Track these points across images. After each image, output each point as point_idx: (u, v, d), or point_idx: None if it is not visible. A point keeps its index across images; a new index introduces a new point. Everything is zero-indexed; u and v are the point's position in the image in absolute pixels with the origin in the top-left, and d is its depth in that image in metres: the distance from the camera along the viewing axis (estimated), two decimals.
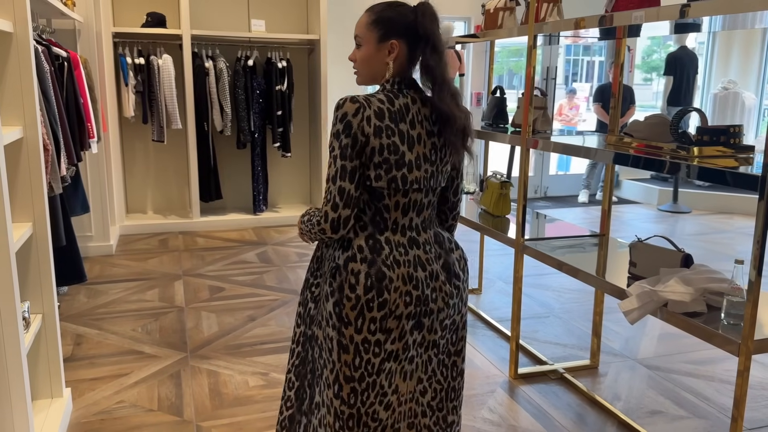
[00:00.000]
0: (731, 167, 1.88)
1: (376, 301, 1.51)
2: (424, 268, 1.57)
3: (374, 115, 1.50)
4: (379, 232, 1.55)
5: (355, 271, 1.52)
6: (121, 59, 5.26)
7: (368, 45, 1.57)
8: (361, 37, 1.58)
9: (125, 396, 2.74)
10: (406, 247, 1.56)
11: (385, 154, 1.50)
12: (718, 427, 2.56)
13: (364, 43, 1.58)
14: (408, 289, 1.53)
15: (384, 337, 1.54)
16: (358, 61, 1.60)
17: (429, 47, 1.54)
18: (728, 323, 1.88)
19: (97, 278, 4.26)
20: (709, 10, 1.92)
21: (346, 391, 1.56)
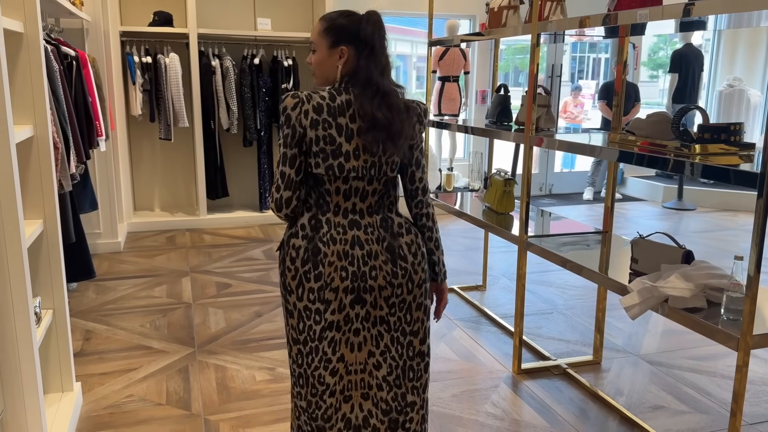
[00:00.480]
0: (732, 165, 1.91)
1: (312, 272, 1.69)
2: (362, 247, 1.71)
3: (312, 110, 1.66)
4: (321, 213, 1.72)
5: (296, 246, 1.71)
6: (129, 58, 5.31)
7: (321, 51, 1.73)
8: (315, 43, 1.75)
9: (134, 390, 2.79)
10: (346, 228, 1.71)
11: (321, 144, 1.66)
12: (719, 421, 2.59)
13: (317, 48, 1.75)
14: (344, 265, 1.70)
15: (323, 307, 1.71)
16: (313, 64, 1.77)
17: (366, 51, 1.69)
18: (728, 318, 1.91)
19: (106, 275, 4.32)
20: (713, 8, 1.94)
21: (294, 351, 1.77)
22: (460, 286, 4.19)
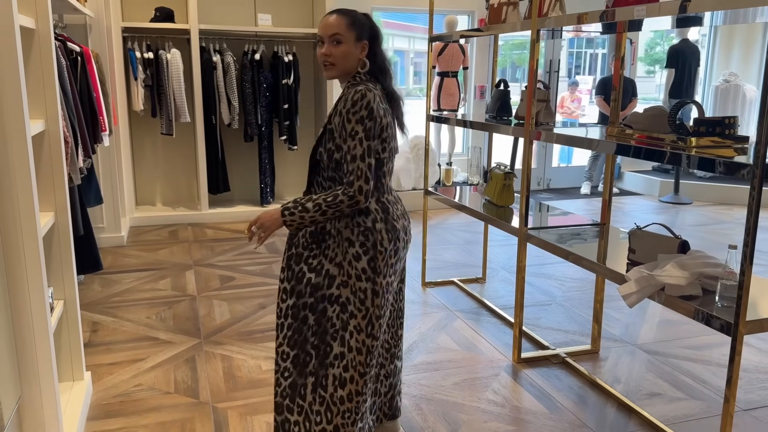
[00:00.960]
0: (727, 157, 1.97)
1: (396, 250, 1.93)
2: (408, 219, 2.02)
3: (381, 100, 1.88)
4: (381, 194, 1.94)
5: (380, 229, 1.89)
6: (130, 54, 5.35)
7: (348, 43, 1.87)
8: (342, 35, 1.87)
9: (143, 379, 2.85)
10: (397, 203, 1.99)
11: (389, 130, 1.91)
12: (714, 408, 2.66)
13: (344, 41, 1.87)
14: (407, 238, 2.00)
15: (397, 279, 2.02)
16: (336, 56, 1.87)
17: (379, 46, 1.96)
18: (722, 305, 1.97)
19: (110, 268, 4.37)
20: (709, 5, 2.00)
21: (376, 327, 1.94)
22: (461, 278, 4.25)
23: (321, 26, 1.90)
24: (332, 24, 1.87)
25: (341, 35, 1.86)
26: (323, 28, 1.88)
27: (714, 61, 8.05)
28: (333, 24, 1.87)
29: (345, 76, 1.92)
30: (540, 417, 2.58)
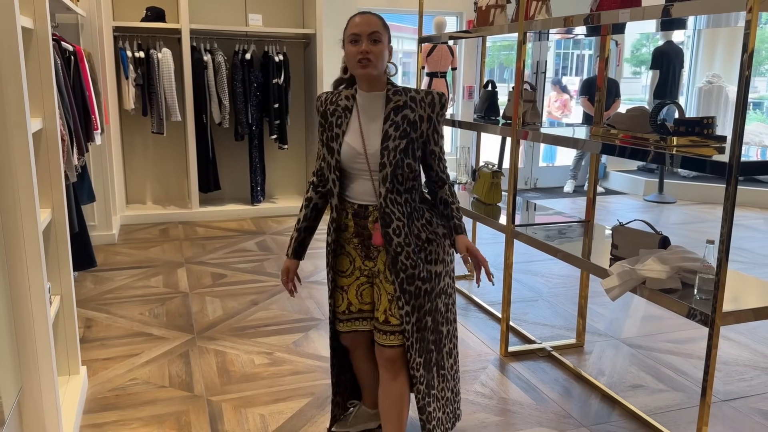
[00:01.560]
0: (706, 155, 2.05)
1: None
2: None
3: None
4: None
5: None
6: (122, 53, 5.38)
7: (384, 44, 1.91)
8: (381, 33, 1.90)
9: (137, 374, 2.90)
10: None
11: None
12: (694, 398, 2.75)
13: (382, 39, 1.90)
14: None
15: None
16: (376, 54, 1.89)
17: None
18: (700, 298, 2.06)
19: (102, 266, 4.40)
20: (690, 10, 2.08)
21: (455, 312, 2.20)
22: None
23: (358, 24, 1.89)
24: (373, 22, 1.89)
25: (380, 34, 1.89)
26: (362, 25, 1.88)
27: (697, 62, 8.19)
28: (373, 22, 1.89)
29: (378, 78, 1.94)
30: (526, 408, 2.66)
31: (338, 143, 1.97)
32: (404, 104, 1.94)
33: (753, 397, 2.78)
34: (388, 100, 1.96)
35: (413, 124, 1.94)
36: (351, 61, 1.91)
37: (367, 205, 1.99)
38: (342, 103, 2.00)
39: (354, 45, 1.89)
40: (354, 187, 2.00)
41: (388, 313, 1.99)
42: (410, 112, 1.94)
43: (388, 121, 1.94)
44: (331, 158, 1.98)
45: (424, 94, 1.97)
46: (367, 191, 1.98)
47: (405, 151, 1.93)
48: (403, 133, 1.93)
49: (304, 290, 4.00)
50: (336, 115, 2.00)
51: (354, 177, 1.99)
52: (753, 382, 2.92)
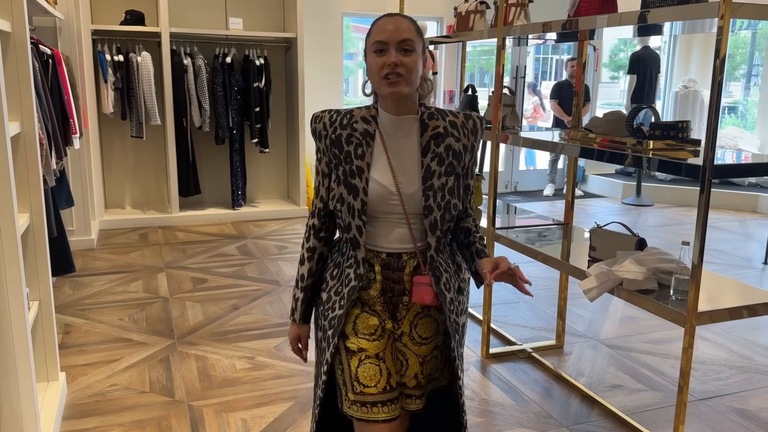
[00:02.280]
0: (681, 159, 2.10)
1: None
2: None
3: None
4: None
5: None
6: (100, 56, 5.34)
7: (418, 53, 1.50)
8: (414, 41, 1.49)
9: (117, 380, 2.87)
10: None
11: None
12: (671, 398, 2.79)
13: (416, 48, 1.49)
14: None
15: None
16: (409, 67, 1.47)
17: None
18: (676, 299, 2.10)
19: (81, 271, 4.36)
20: (665, 16, 2.12)
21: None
22: None
23: (384, 29, 1.48)
24: (404, 27, 1.48)
25: (413, 42, 1.48)
26: (391, 32, 1.47)
27: (674, 67, 8.32)
28: (404, 27, 1.48)
29: (410, 97, 1.53)
30: (507, 409, 2.68)
31: (364, 180, 1.52)
32: (445, 131, 1.56)
33: (728, 396, 2.83)
34: (424, 125, 1.55)
35: (458, 156, 1.56)
36: (375, 76, 1.49)
37: (399, 253, 1.56)
38: (360, 128, 1.55)
39: (379, 56, 1.48)
40: (380, 234, 1.56)
41: (419, 377, 1.63)
42: (454, 141, 1.56)
43: (429, 154, 1.54)
44: (354, 200, 1.52)
45: (464, 118, 1.60)
46: (400, 237, 1.55)
47: (452, 190, 1.55)
48: (449, 169, 1.55)
49: (285, 294, 3.99)
50: (354, 143, 1.54)
51: (380, 221, 1.55)
52: (729, 381, 2.98)
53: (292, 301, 1.68)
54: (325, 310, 1.61)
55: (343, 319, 1.56)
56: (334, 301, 1.60)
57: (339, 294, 1.59)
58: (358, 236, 1.54)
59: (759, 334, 3.50)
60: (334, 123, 1.57)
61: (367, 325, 1.58)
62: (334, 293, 1.60)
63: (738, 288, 2.32)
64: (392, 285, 1.57)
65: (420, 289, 1.54)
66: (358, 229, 1.53)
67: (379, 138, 1.55)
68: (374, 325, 1.58)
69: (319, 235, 1.66)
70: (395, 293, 1.58)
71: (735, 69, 9.75)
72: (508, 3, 2.96)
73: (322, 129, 1.58)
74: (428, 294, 1.54)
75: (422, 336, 1.61)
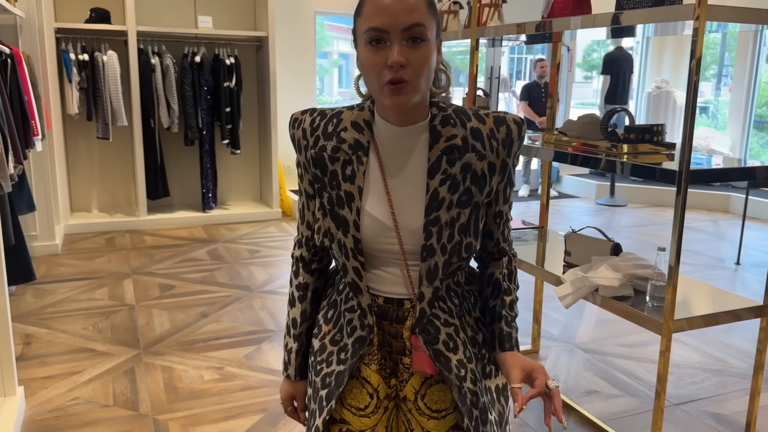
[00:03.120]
0: (656, 163, 2.06)
1: None
2: None
3: None
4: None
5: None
6: (64, 55, 5.18)
7: (431, 42, 1.06)
8: (426, 25, 1.04)
9: (79, 393, 2.76)
10: None
11: None
12: (648, 403, 2.77)
13: (428, 35, 1.05)
14: None
15: None
16: (419, 66, 1.04)
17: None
18: (652, 305, 2.06)
19: (44, 278, 4.21)
20: (638, 18, 2.09)
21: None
22: None
23: (383, 8, 1.02)
24: (412, 4, 1.02)
25: (424, 27, 1.03)
26: (393, 13, 1.01)
27: (647, 68, 8.37)
28: (413, 4, 1.03)
29: (420, 104, 1.11)
30: None
31: (354, 211, 1.15)
32: (464, 143, 1.13)
33: (703, 400, 2.81)
34: (435, 134, 1.13)
35: (480, 180, 1.14)
36: (371, 77, 1.07)
37: (400, 299, 1.19)
38: (349, 138, 1.15)
39: (376, 49, 1.04)
40: (375, 275, 1.20)
41: None
42: (476, 158, 1.13)
43: (438, 175, 1.12)
44: (344, 236, 1.16)
45: (494, 123, 1.15)
46: (397, 280, 1.19)
47: (467, 227, 1.14)
48: (464, 198, 1.13)
49: (256, 300, 3.90)
50: (341, 160, 1.15)
51: (375, 259, 1.19)
52: (703, 384, 2.96)
53: (283, 352, 1.35)
54: (317, 363, 1.26)
55: (344, 378, 1.19)
56: (330, 352, 1.24)
57: (338, 344, 1.23)
58: (357, 280, 1.18)
59: (732, 336, 3.50)
60: (316, 130, 1.17)
61: (356, 398, 1.23)
62: (330, 342, 1.25)
63: (713, 293, 2.30)
64: (389, 339, 1.21)
65: (416, 355, 1.18)
66: (356, 272, 1.18)
67: (374, 152, 1.15)
68: (362, 400, 1.22)
69: (311, 268, 1.31)
70: (393, 350, 1.22)
71: (705, 69, 9.86)
72: (482, 3, 2.91)
73: (302, 137, 1.19)
74: (428, 362, 1.17)
75: (431, 408, 1.21)
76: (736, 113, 7.32)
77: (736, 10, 1.87)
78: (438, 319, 1.17)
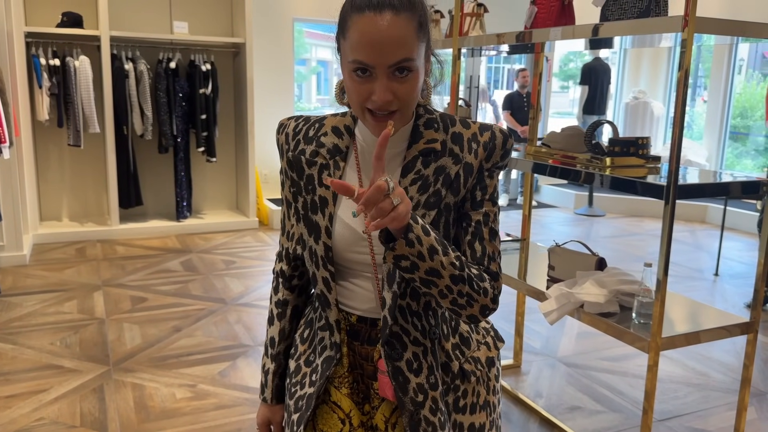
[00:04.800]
0: (640, 177, 2.02)
1: None
2: None
3: None
4: None
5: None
6: (35, 60, 5.03)
7: (419, 67, 1.03)
8: (415, 53, 1.00)
9: (45, 413, 2.64)
10: None
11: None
12: (632, 419, 2.72)
13: (416, 62, 1.01)
14: None
15: None
16: (406, 97, 1.02)
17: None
18: (639, 322, 2.01)
19: (10, 290, 4.06)
20: (618, 30, 2.06)
21: None
22: None
23: (369, 42, 0.97)
24: (399, 37, 0.98)
25: (412, 59, 0.99)
26: (379, 49, 0.97)
27: (624, 78, 8.43)
28: (400, 37, 0.98)
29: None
30: None
31: (326, 217, 1.11)
32: (443, 148, 1.10)
33: (687, 416, 2.77)
34: (416, 134, 1.10)
35: (452, 183, 1.09)
36: (354, 101, 1.04)
37: (373, 319, 1.14)
38: (328, 142, 1.13)
39: (360, 80, 1.00)
40: (348, 289, 1.15)
41: None
42: (452, 162, 1.09)
43: (411, 174, 1.09)
44: (315, 243, 1.12)
45: (479, 129, 1.12)
46: (368, 295, 1.13)
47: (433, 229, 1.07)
48: (433, 199, 1.08)
49: (232, 314, 3.79)
50: (318, 165, 1.12)
51: (348, 272, 1.14)
52: (687, 399, 2.93)
53: (261, 373, 1.29)
54: (291, 385, 1.21)
55: (313, 400, 1.15)
56: (304, 373, 1.19)
57: (311, 365, 1.18)
58: (326, 292, 1.13)
59: (714, 349, 3.49)
60: (297, 135, 1.16)
61: (326, 423, 1.16)
62: (304, 363, 1.20)
63: (698, 308, 2.26)
64: (360, 361, 1.15)
65: (381, 379, 1.12)
66: (325, 283, 1.12)
67: (353, 159, 1.12)
68: (336, 425, 1.15)
69: (291, 284, 1.25)
70: (365, 373, 1.15)
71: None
72: (464, 13, 2.86)
73: (284, 142, 1.17)
74: (387, 387, 1.11)
75: None
76: (712, 124, 7.39)
77: (721, 23, 1.85)
78: (407, 335, 1.11)
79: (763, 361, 3.37)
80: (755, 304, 2.03)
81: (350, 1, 1.01)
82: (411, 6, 0.99)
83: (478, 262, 1.10)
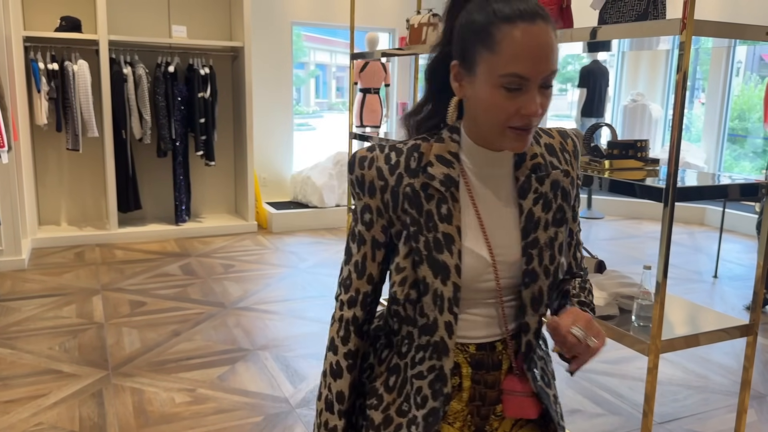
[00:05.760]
0: (639, 180, 2.02)
1: None
2: None
3: None
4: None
5: None
6: (33, 65, 5.03)
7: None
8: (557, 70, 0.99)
9: (44, 418, 2.63)
10: None
11: None
12: (632, 422, 2.72)
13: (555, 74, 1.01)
14: None
15: None
16: (544, 110, 0.98)
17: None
18: (638, 325, 2.01)
19: (9, 294, 4.06)
20: (616, 33, 2.06)
21: None
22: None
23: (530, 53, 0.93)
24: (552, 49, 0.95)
25: (557, 70, 0.98)
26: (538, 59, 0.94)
27: (622, 81, 8.44)
28: (552, 48, 0.95)
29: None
30: None
31: (456, 254, 1.03)
32: (543, 160, 1.08)
33: (687, 419, 2.77)
34: (521, 153, 1.07)
35: (568, 196, 1.09)
36: (494, 119, 0.98)
37: (493, 342, 1.10)
38: (438, 173, 1.04)
39: (512, 95, 0.95)
40: (465, 321, 1.08)
41: None
42: (560, 174, 1.08)
43: (531, 194, 1.06)
44: (443, 285, 1.03)
45: (561, 137, 1.11)
46: (487, 321, 1.09)
47: (563, 246, 1.09)
48: (558, 215, 1.08)
49: (231, 318, 3.79)
50: (435, 198, 1.04)
51: (466, 302, 1.07)
52: (687, 402, 2.93)
53: (321, 429, 1.14)
54: None
55: None
56: (398, 424, 1.08)
57: (405, 415, 1.08)
58: (446, 338, 1.04)
59: (713, 351, 3.48)
60: (396, 168, 1.05)
61: None
62: (396, 413, 1.09)
63: (697, 311, 2.26)
64: (484, 391, 1.09)
65: (515, 400, 1.09)
66: (447, 328, 1.04)
67: (463, 185, 1.06)
68: None
69: (362, 331, 1.14)
70: (486, 402, 1.10)
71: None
72: None
73: (377, 177, 1.05)
74: (530, 406, 1.09)
75: None
76: (710, 126, 7.40)
77: (719, 26, 1.85)
78: (536, 353, 1.11)
79: (763, 363, 3.37)
80: (754, 306, 2.03)
81: (491, 11, 0.94)
82: (548, 15, 0.96)
83: (578, 267, 1.18)
